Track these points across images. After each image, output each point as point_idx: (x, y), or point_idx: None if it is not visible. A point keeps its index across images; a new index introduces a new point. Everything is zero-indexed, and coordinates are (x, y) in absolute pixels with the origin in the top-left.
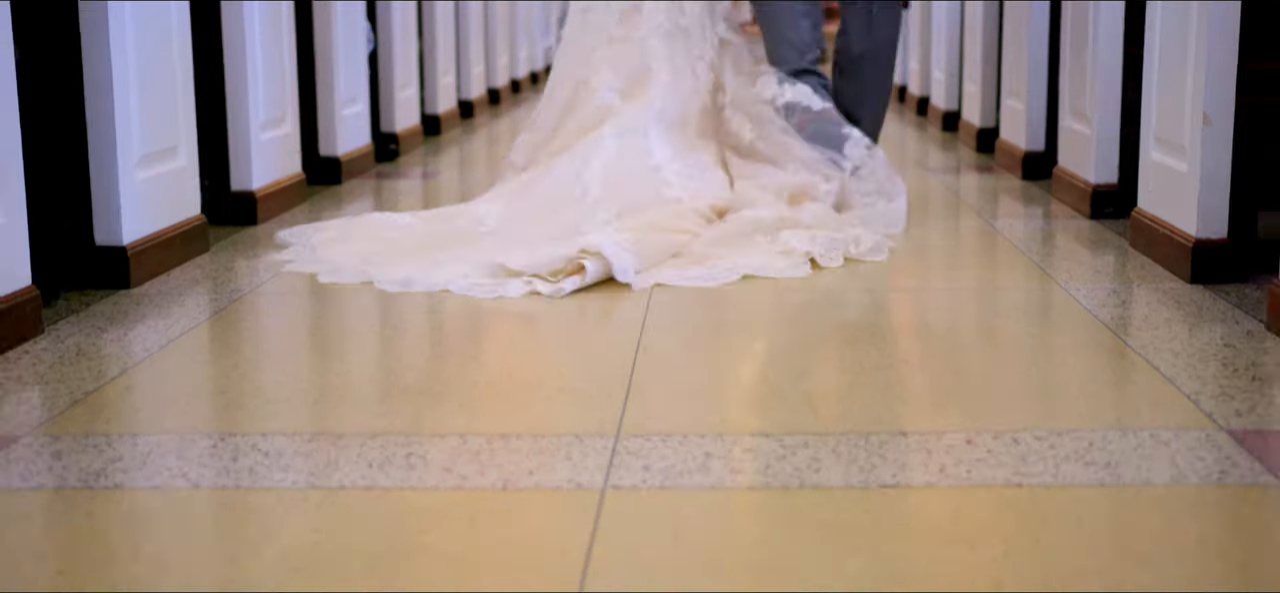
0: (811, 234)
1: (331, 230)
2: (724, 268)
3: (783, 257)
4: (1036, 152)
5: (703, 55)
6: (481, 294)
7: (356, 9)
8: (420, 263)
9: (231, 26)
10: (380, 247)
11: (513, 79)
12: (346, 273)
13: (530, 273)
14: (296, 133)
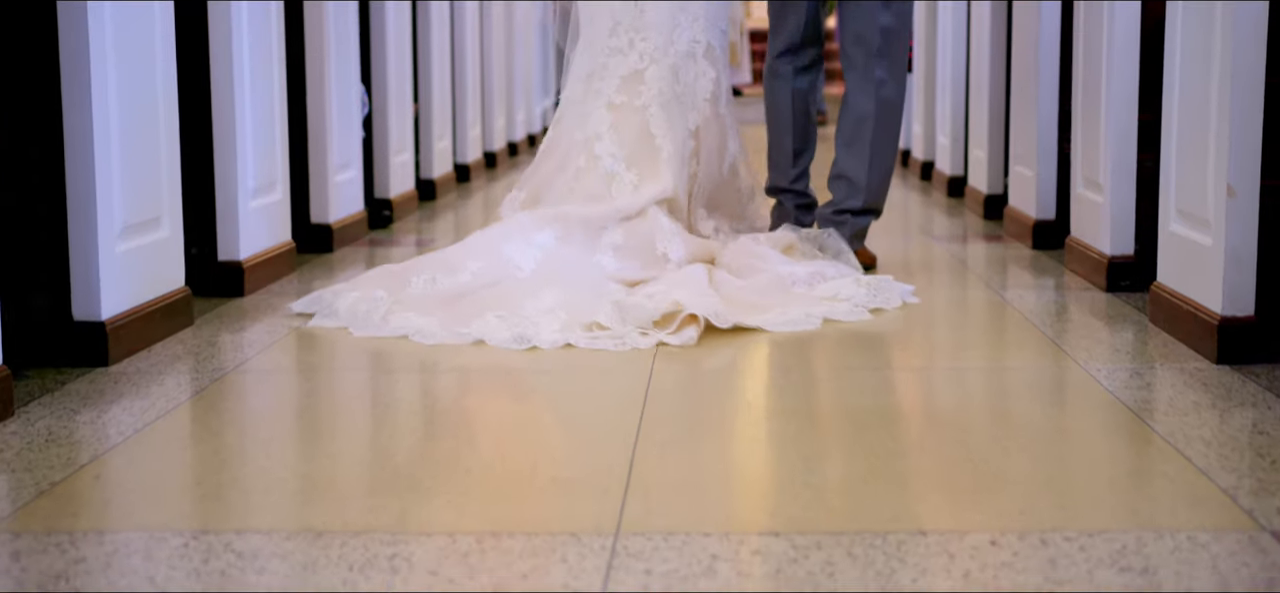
0: (857, 280)
1: (352, 292)
2: (800, 314)
3: (837, 303)
4: (1047, 220)
5: (687, 122)
6: (604, 346)
7: (351, 72)
8: (499, 312)
9: (221, 91)
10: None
11: (510, 142)
12: (434, 333)
13: (635, 325)
14: (287, 200)
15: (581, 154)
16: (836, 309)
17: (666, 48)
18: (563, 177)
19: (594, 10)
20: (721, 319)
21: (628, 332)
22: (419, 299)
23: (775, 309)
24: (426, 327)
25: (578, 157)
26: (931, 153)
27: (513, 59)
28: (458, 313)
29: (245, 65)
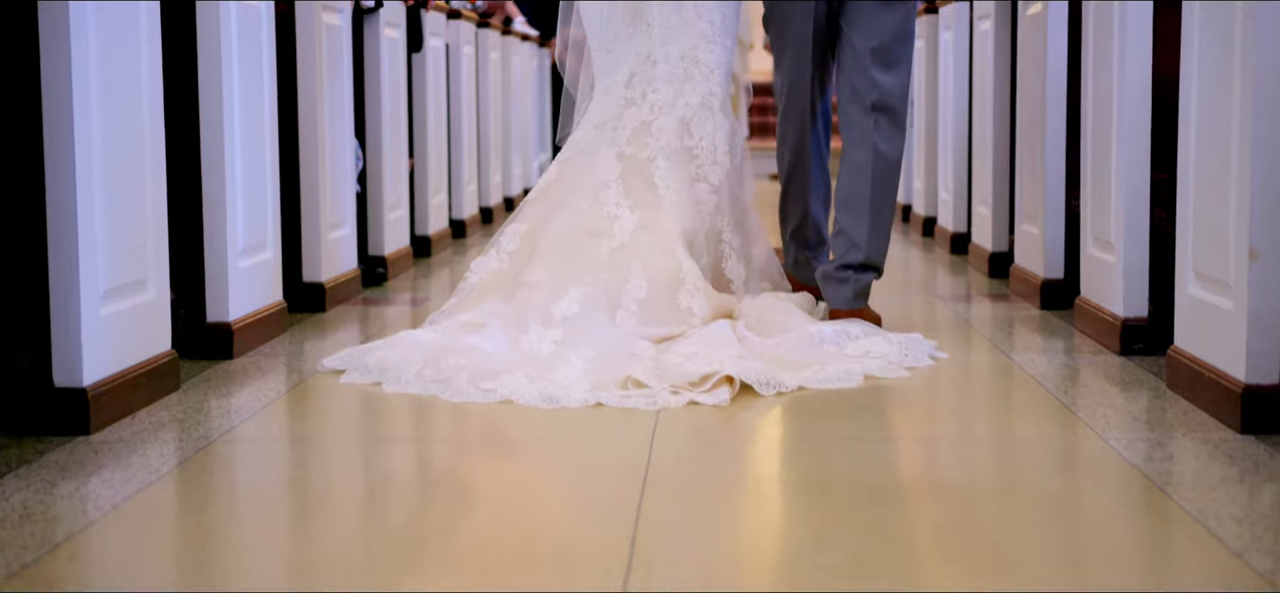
0: (887, 338)
1: (381, 350)
2: (840, 371)
3: (871, 359)
4: (1055, 279)
5: (707, 177)
6: (636, 404)
7: (345, 128)
8: (529, 371)
9: (211, 147)
10: (451, 360)
11: (506, 197)
12: (463, 390)
13: (673, 385)
14: (278, 259)
15: (586, 198)
16: (871, 366)
17: (675, 101)
18: (563, 213)
19: (614, 61)
20: (765, 386)
21: (660, 390)
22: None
23: (814, 367)
24: (455, 382)
25: (582, 199)
26: (933, 209)
27: (509, 113)
28: (486, 370)
29: (236, 121)
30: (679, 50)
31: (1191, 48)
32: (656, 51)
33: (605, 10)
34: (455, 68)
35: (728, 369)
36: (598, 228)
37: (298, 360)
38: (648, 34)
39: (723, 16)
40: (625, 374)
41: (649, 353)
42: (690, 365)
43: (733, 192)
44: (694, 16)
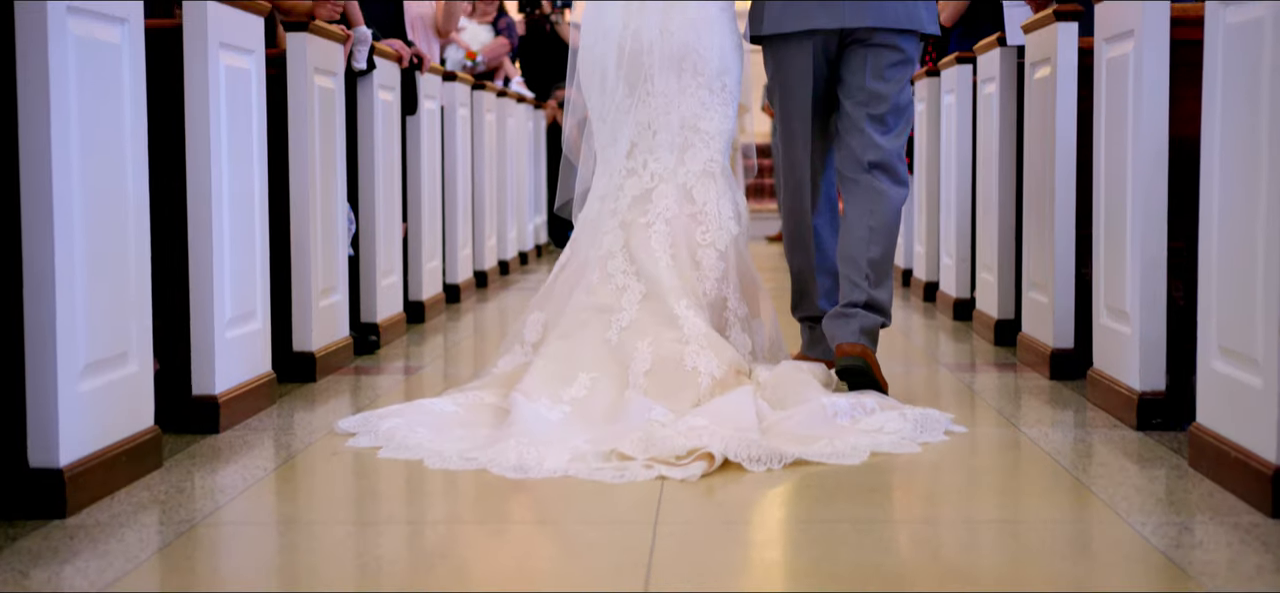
0: (902, 413)
1: (394, 418)
2: (847, 446)
3: (883, 435)
4: (1065, 349)
5: (714, 242)
6: (605, 478)
7: (337, 192)
8: (523, 446)
9: (197, 214)
10: (459, 431)
11: (501, 260)
12: (451, 458)
13: (650, 458)
14: (267, 328)
15: (595, 271)
16: (882, 442)
17: (676, 169)
18: (577, 293)
19: (614, 132)
20: (755, 462)
21: (635, 463)
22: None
23: (821, 441)
24: (445, 450)
25: (592, 273)
26: (935, 273)
27: (504, 175)
28: (478, 441)
29: (224, 185)
30: (679, 118)
31: (1213, 112)
32: (656, 120)
33: (604, 80)
34: (450, 130)
35: (710, 446)
36: (608, 303)
37: (286, 435)
38: (647, 103)
39: (723, 84)
40: (612, 447)
41: (655, 425)
42: (680, 440)
43: (739, 259)
44: (693, 85)
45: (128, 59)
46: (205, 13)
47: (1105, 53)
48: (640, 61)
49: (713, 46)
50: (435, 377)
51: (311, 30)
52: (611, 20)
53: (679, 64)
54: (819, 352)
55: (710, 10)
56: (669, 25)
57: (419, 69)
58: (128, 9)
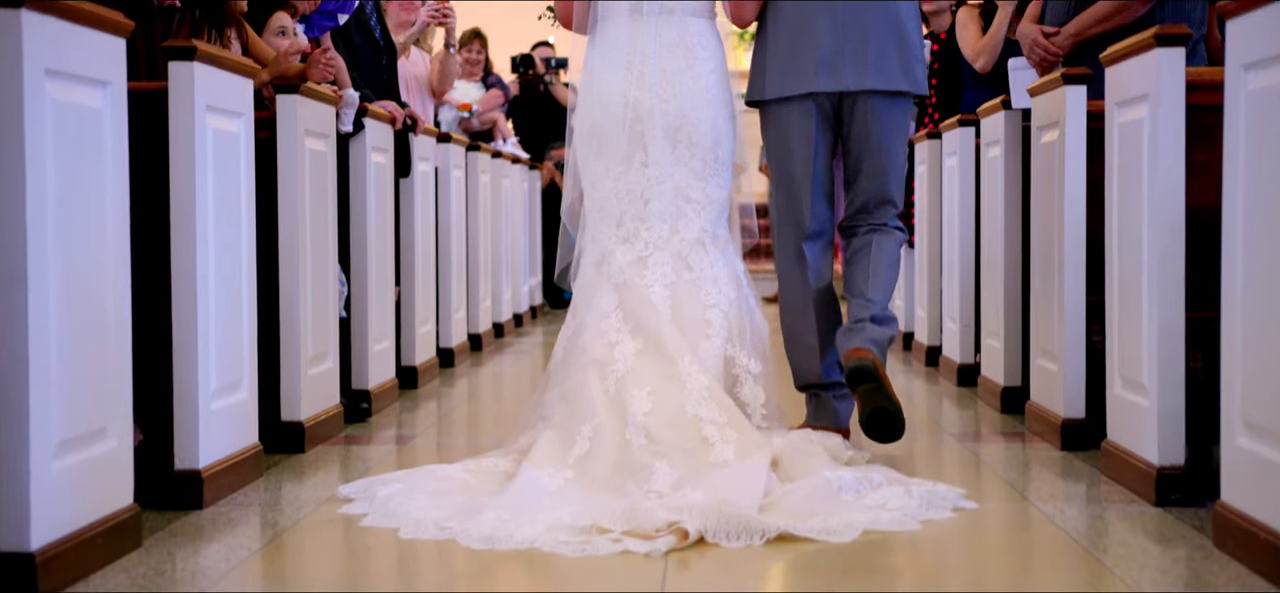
0: (907, 489)
1: (396, 484)
2: (841, 523)
3: (884, 512)
4: (1076, 419)
5: (715, 305)
6: (570, 553)
7: (328, 255)
8: (503, 518)
9: (182, 280)
10: (458, 498)
11: (496, 323)
12: (428, 528)
13: (623, 531)
14: (254, 398)
15: (589, 331)
16: (882, 518)
17: (671, 238)
18: (572, 353)
19: (603, 200)
20: (732, 537)
21: (605, 538)
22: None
23: (817, 517)
24: (424, 519)
25: (586, 334)
26: (937, 338)
27: (499, 237)
28: (465, 509)
29: (210, 250)
30: (672, 188)
31: (1236, 179)
32: (650, 190)
33: (600, 148)
34: (444, 191)
35: (686, 524)
36: (602, 358)
37: (273, 510)
38: (642, 172)
39: (716, 155)
40: (592, 520)
41: (643, 499)
42: (660, 513)
43: (742, 319)
44: (687, 155)
45: (110, 123)
46: (192, 75)
47: (1117, 117)
48: (636, 131)
49: (707, 118)
50: (428, 446)
51: (302, 92)
52: (608, 89)
53: (674, 135)
54: (826, 421)
55: (706, 81)
56: (665, 95)
57: (413, 130)
58: (110, 72)
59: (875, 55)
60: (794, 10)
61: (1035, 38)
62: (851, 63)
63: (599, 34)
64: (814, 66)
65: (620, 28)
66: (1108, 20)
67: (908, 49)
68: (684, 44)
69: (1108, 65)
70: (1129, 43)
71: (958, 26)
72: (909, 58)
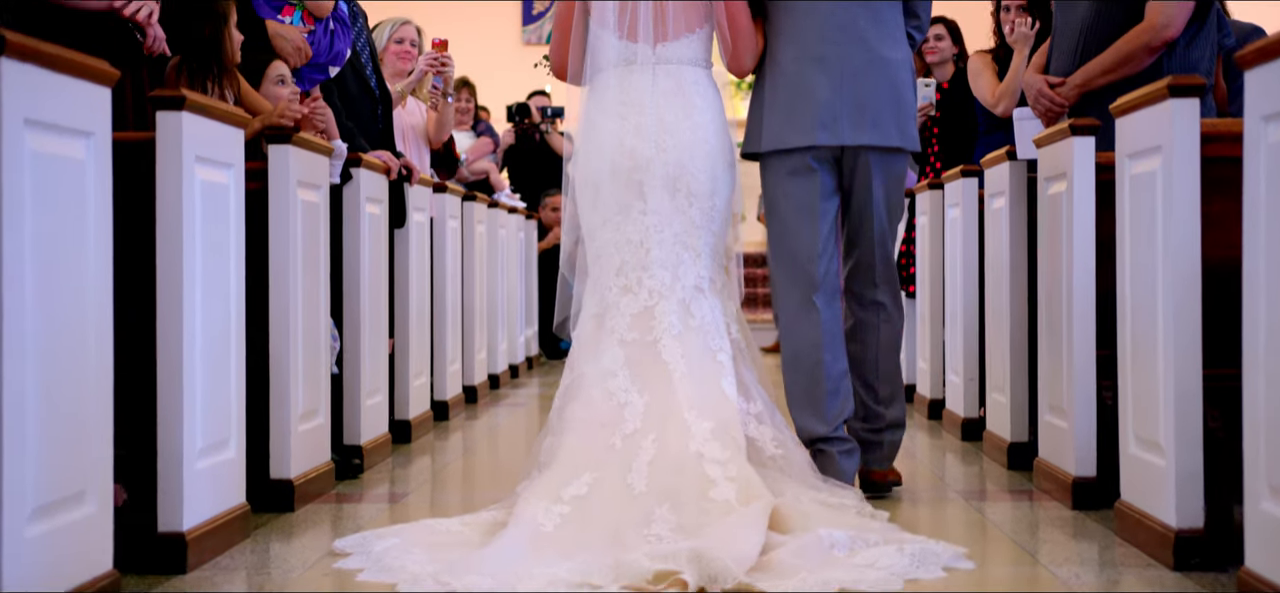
0: (900, 547)
1: (392, 538)
2: (819, 581)
3: (870, 570)
4: (1088, 478)
5: (721, 347)
6: None
7: (320, 308)
8: (500, 576)
9: (168, 335)
10: (455, 552)
11: (491, 374)
12: (426, 581)
13: (622, 584)
14: (241, 457)
15: (595, 388)
16: (865, 577)
17: (673, 285)
18: (575, 406)
19: (600, 250)
20: (713, 582)
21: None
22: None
23: (798, 576)
24: (421, 573)
25: (591, 389)
26: (940, 391)
27: (495, 287)
28: (459, 564)
29: (197, 304)
30: (671, 235)
31: (1257, 234)
32: (650, 239)
33: (598, 197)
34: (440, 242)
35: (685, 575)
36: (608, 419)
37: (260, 574)
38: (641, 221)
39: (714, 205)
40: (584, 578)
41: (652, 539)
42: (649, 564)
43: (747, 360)
44: (686, 204)
45: (93, 175)
46: (180, 125)
47: (1129, 169)
48: (634, 180)
49: (705, 167)
50: (421, 503)
51: (295, 142)
52: (606, 139)
53: (673, 184)
54: (831, 476)
55: (704, 131)
56: (663, 144)
57: (408, 180)
58: (94, 121)
59: (872, 112)
60: (792, 64)
61: (1040, 88)
62: (849, 119)
63: (596, 85)
64: (812, 121)
65: (617, 78)
66: (1114, 71)
67: (903, 107)
68: (682, 93)
69: (1118, 116)
70: (1141, 93)
71: (971, 74)
72: (904, 116)
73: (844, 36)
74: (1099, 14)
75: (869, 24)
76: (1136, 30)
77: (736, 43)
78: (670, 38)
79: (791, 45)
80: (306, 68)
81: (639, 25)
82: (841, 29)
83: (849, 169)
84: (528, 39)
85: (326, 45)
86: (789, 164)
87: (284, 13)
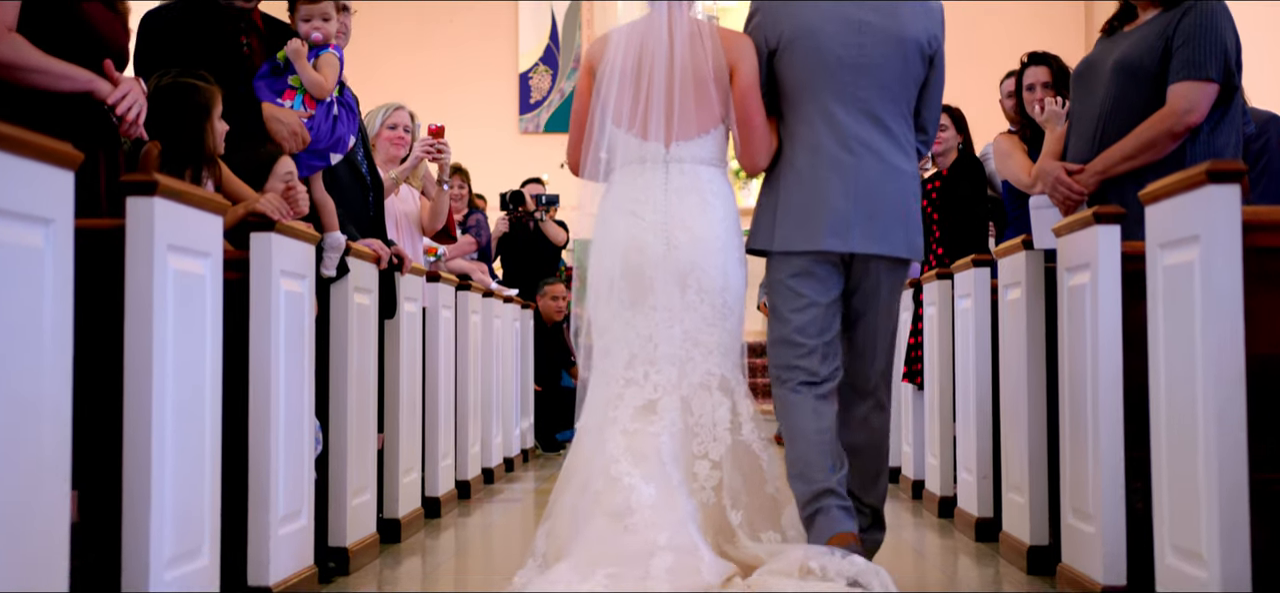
0: None
1: None
2: None
3: None
4: (1118, 587)
5: (707, 454)
6: None
7: (303, 406)
8: None
9: (136, 437)
10: None
11: (485, 468)
12: None
13: None
14: (215, 564)
15: (599, 478)
16: None
17: (679, 381)
18: (583, 499)
19: (610, 344)
20: None
21: None
22: None
23: None
24: None
25: (596, 480)
26: (950, 488)
27: (489, 378)
28: None
29: (168, 405)
30: (681, 331)
31: None
32: (659, 333)
33: (610, 291)
34: (432, 332)
35: None
36: (616, 509)
37: None
38: (651, 316)
39: (725, 301)
40: None
41: None
42: None
43: (747, 463)
44: (696, 300)
45: (51, 264)
46: (152, 211)
47: (1162, 260)
48: (646, 275)
49: (716, 264)
50: None
51: (278, 230)
52: (619, 235)
53: (683, 280)
54: (828, 532)
55: (717, 228)
56: (675, 241)
57: (399, 269)
58: (54, 208)
59: (883, 223)
60: (807, 167)
61: (1058, 176)
62: (861, 227)
63: (611, 182)
64: (824, 226)
65: (632, 176)
66: (1135, 158)
67: (912, 220)
68: (697, 191)
69: (1149, 203)
70: (1176, 179)
71: (998, 157)
72: (912, 228)
73: (860, 146)
74: (1117, 99)
75: (883, 136)
76: (1159, 115)
77: (752, 141)
78: (684, 137)
79: (807, 151)
80: (305, 154)
81: (652, 124)
82: (858, 139)
83: (857, 274)
84: (525, 128)
85: (328, 131)
86: (797, 264)
87: (285, 97)
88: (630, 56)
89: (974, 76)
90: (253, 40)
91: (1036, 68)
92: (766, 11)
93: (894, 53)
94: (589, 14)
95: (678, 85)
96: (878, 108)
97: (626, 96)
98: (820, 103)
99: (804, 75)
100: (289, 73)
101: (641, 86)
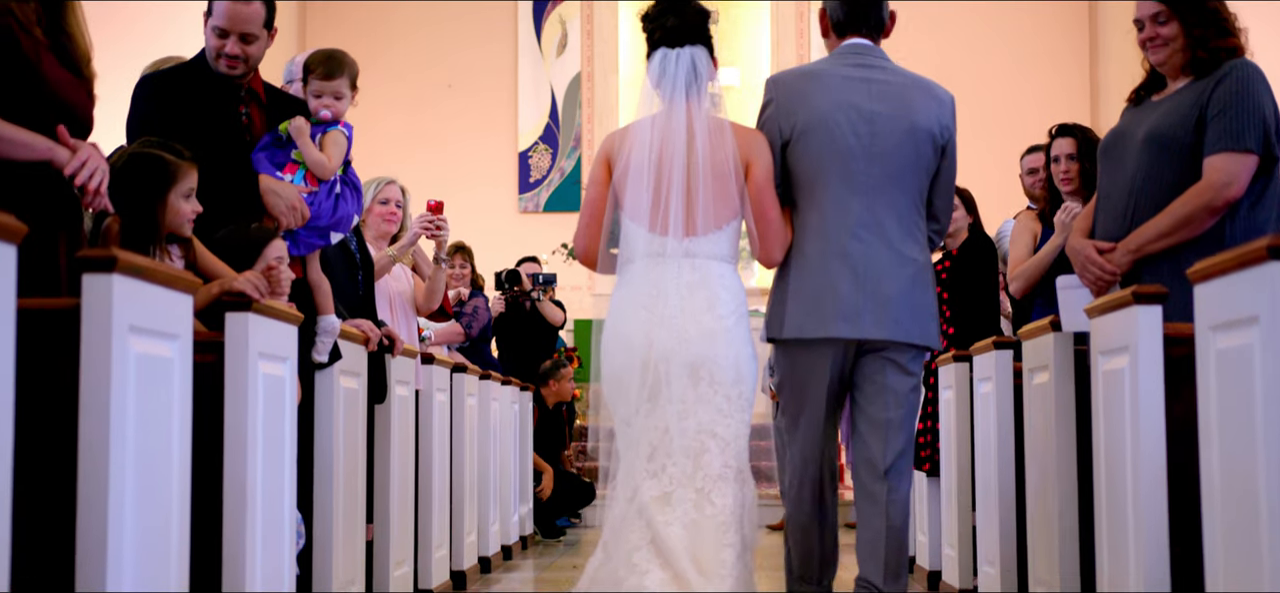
0: None
1: None
2: None
3: None
4: None
5: (731, 542)
6: None
7: (283, 499)
8: None
9: (90, 540)
10: None
11: (482, 557)
12: None
13: None
14: None
15: (622, 567)
16: None
17: (694, 473)
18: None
19: (634, 437)
20: None
21: None
22: None
23: None
24: None
25: (619, 568)
26: (970, 580)
27: (486, 463)
28: None
29: (126, 498)
30: (695, 423)
31: None
32: (674, 426)
33: (627, 387)
34: (426, 416)
35: None
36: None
37: None
38: (666, 409)
39: (739, 392)
40: None
41: None
42: None
43: (746, 557)
44: (709, 392)
45: None
46: (110, 289)
47: (1213, 343)
48: (660, 370)
49: (729, 356)
50: None
51: (256, 310)
52: (630, 330)
53: (695, 373)
54: None
55: (728, 321)
56: (686, 335)
57: (391, 351)
58: None
59: (894, 309)
60: (817, 257)
61: (1089, 255)
62: (871, 314)
63: (623, 276)
64: (834, 313)
65: (643, 269)
66: (1171, 234)
67: (924, 306)
68: (707, 286)
69: (1198, 282)
70: (1231, 256)
71: (1014, 233)
72: (925, 314)
73: (868, 234)
74: (1149, 174)
75: (893, 223)
76: (1196, 190)
77: (768, 236)
78: (699, 233)
79: (817, 239)
80: (304, 230)
81: (670, 221)
82: (866, 226)
83: (867, 360)
84: (524, 207)
85: (329, 209)
86: (806, 352)
87: (286, 171)
88: (651, 153)
89: (982, 151)
90: (252, 109)
91: (1063, 140)
92: (780, 101)
93: (905, 141)
94: (590, 92)
95: (698, 182)
96: (889, 196)
97: (646, 194)
98: (832, 191)
99: (816, 164)
100: (292, 146)
101: (662, 184)
